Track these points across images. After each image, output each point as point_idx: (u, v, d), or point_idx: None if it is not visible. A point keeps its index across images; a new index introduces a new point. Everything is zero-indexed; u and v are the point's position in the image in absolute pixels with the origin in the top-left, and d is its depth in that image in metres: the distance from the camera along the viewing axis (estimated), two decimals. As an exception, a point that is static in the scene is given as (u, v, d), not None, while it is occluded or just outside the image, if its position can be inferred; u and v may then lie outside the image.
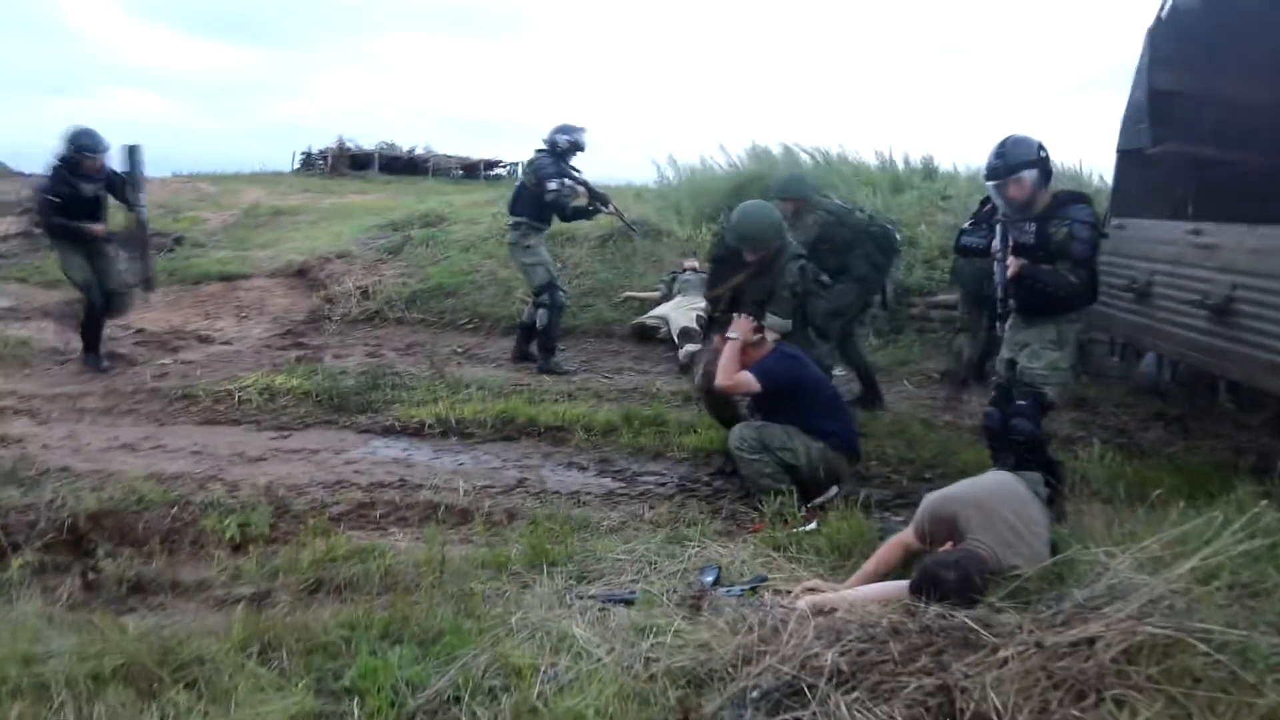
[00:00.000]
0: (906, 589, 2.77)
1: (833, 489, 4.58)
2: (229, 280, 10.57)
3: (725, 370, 4.63)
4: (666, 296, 8.86)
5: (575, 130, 7.66)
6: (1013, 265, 4.27)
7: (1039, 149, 4.24)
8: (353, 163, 25.76)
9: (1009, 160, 4.22)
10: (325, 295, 9.75)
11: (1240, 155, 5.85)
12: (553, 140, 7.62)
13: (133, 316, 9.08)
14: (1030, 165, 4.19)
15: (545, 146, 7.64)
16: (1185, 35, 5.80)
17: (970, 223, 7.26)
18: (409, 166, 25.64)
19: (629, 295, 9.40)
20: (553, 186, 7.42)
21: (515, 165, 20.64)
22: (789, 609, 2.67)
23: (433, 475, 5.04)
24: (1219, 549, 2.43)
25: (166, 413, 6.19)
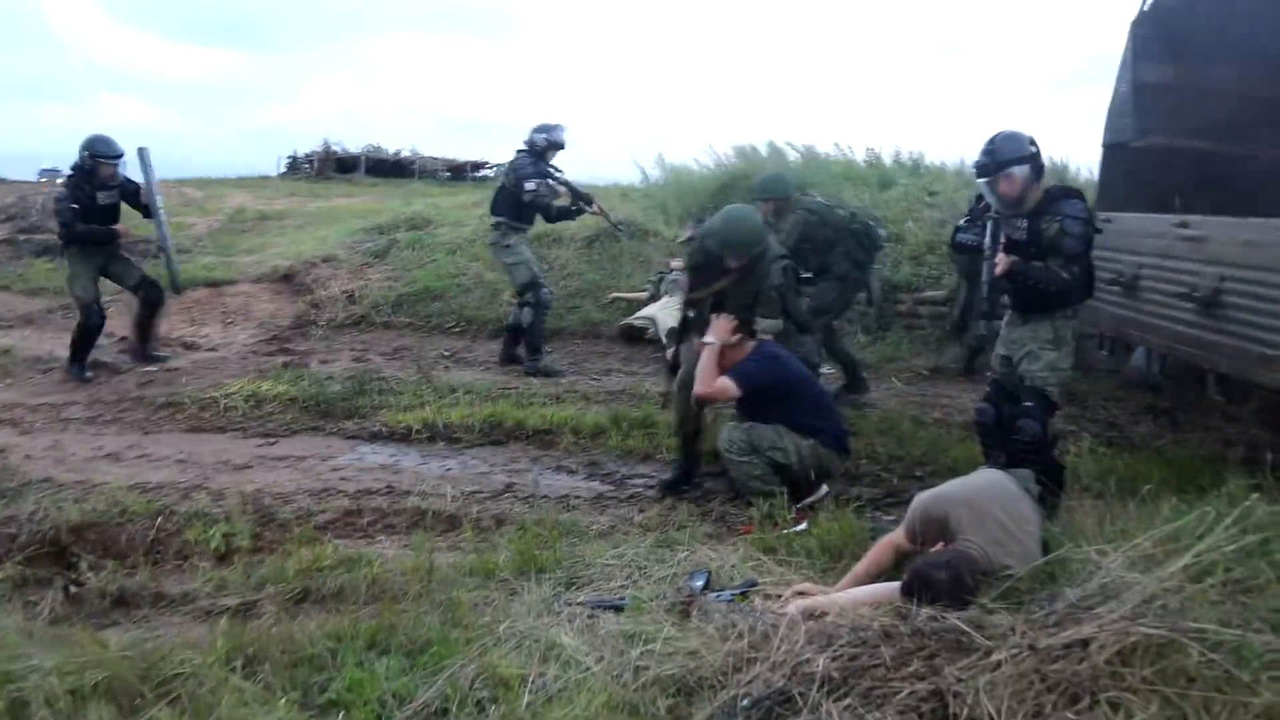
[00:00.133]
0: (898, 591, 2.75)
1: (823, 489, 4.55)
2: (215, 286, 10.49)
3: (703, 378, 4.50)
4: (654, 297, 8.83)
5: (553, 129, 7.62)
6: (1002, 262, 4.24)
7: (1029, 144, 4.19)
8: (339, 166, 25.69)
9: (998, 156, 4.18)
10: (311, 300, 9.68)
11: (1226, 147, 5.88)
12: (531, 140, 7.59)
13: (118, 325, 9.05)
14: (1020, 161, 4.15)
15: (525, 146, 7.62)
16: (1169, 28, 5.81)
17: (966, 219, 7.27)
18: (396, 169, 25.58)
19: (616, 296, 9.36)
20: (530, 187, 7.40)
21: (501, 166, 20.64)
22: (779, 614, 2.64)
23: (420, 481, 4.99)
24: (1211, 545, 2.40)
25: (151, 421, 6.13)
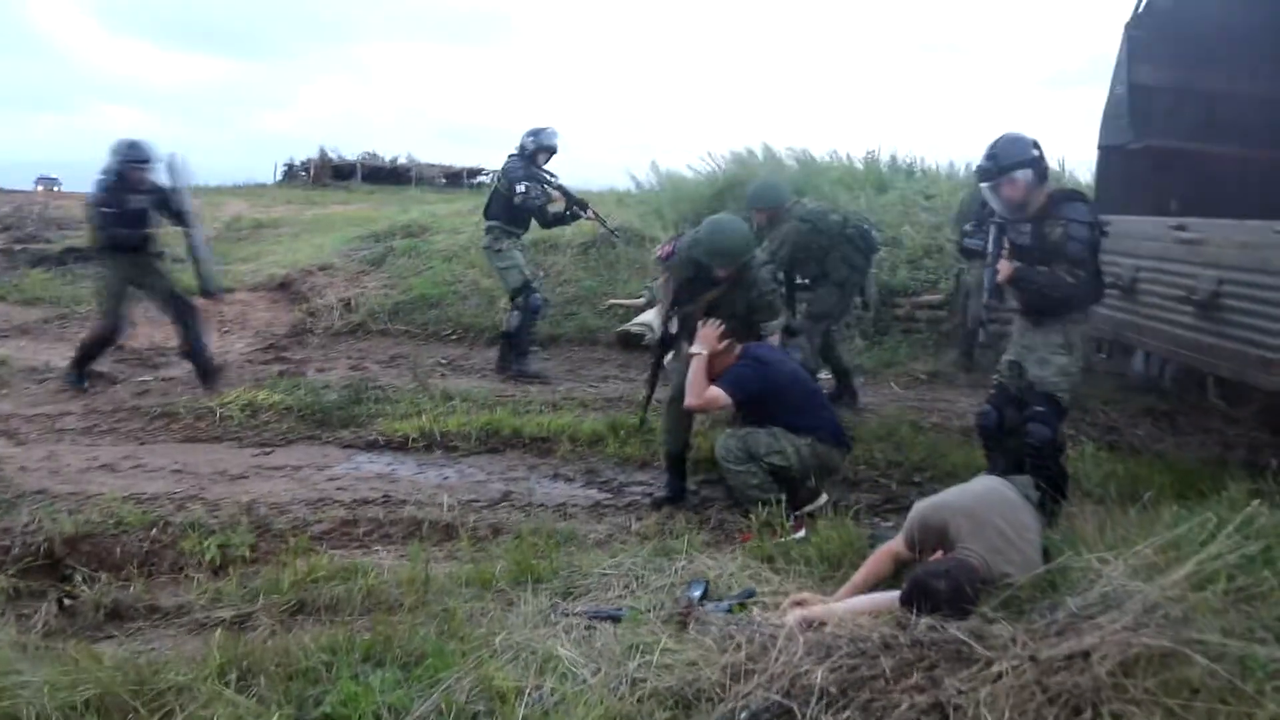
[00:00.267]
0: (897, 600, 2.72)
1: (822, 497, 4.52)
2: (210, 295, 10.43)
3: (694, 388, 4.42)
4: (651, 303, 8.81)
5: (541, 132, 7.64)
6: (1004, 268, 4.19)
7: (1032, 148, 4.13)
8: (335, 173, 25.72)
9: (1000, 161, 4.13)
10: (308, 308, 9.64)
11: (1223, 149, 5.87)
12: (522, 144, 7.64)
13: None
14: (1023, 165, 4.09)
15: (516, 151, 7.66)
16: (1164, 29, 5.81)
17: (973, 224, 7.23)
18: (392, 176, 25.61)
19: (613, 302, 9.34)
20: (520, 189, 7.43)
21: (496, 172, 20.66)
22: (777, 625, 2.61)
23: (417, 490, 4.97)
24: (1214, 553, 2.38)
25: (147, 431, 6.09)
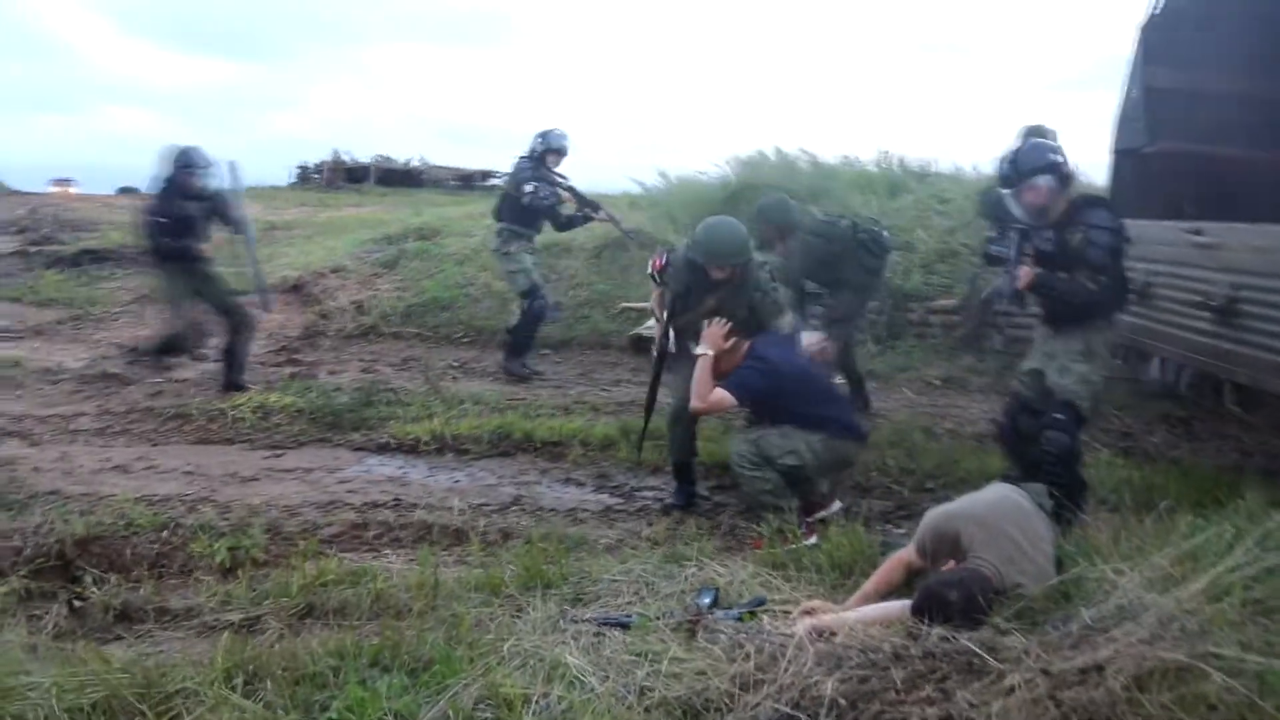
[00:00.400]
0: (908, 609, 2.69)
1: (835, 504, 4.49)
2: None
3: (699, 390, 4.35)
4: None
5: (550, 134, 7.66)
6: (1025, 275, 4.13)
7: (1054, 153, 4.09)
8: (349, 176, 25.77)
9: (1022, 166, 4.07)
10: (320, 311, 9.67)
11: (1239, 152, 5.81)
12: (531, 146, 7.65)
13: (128, 335, 9.07)
14: (1044, 170, 4.02)
15: (526, 153, 7.68)
16: (1180, 31, 5.75)
17: (997, 230, 7.18)
18: (405, 178, 25.63)
19: (625, 306, 9.32)
20: (528, 189, 7.46)
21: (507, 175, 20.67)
22: (787, 635, 2.59)
23: (427, 494, 4.97)
24: (1232, 565, 2.34)
25: (160, 432, 6.12)
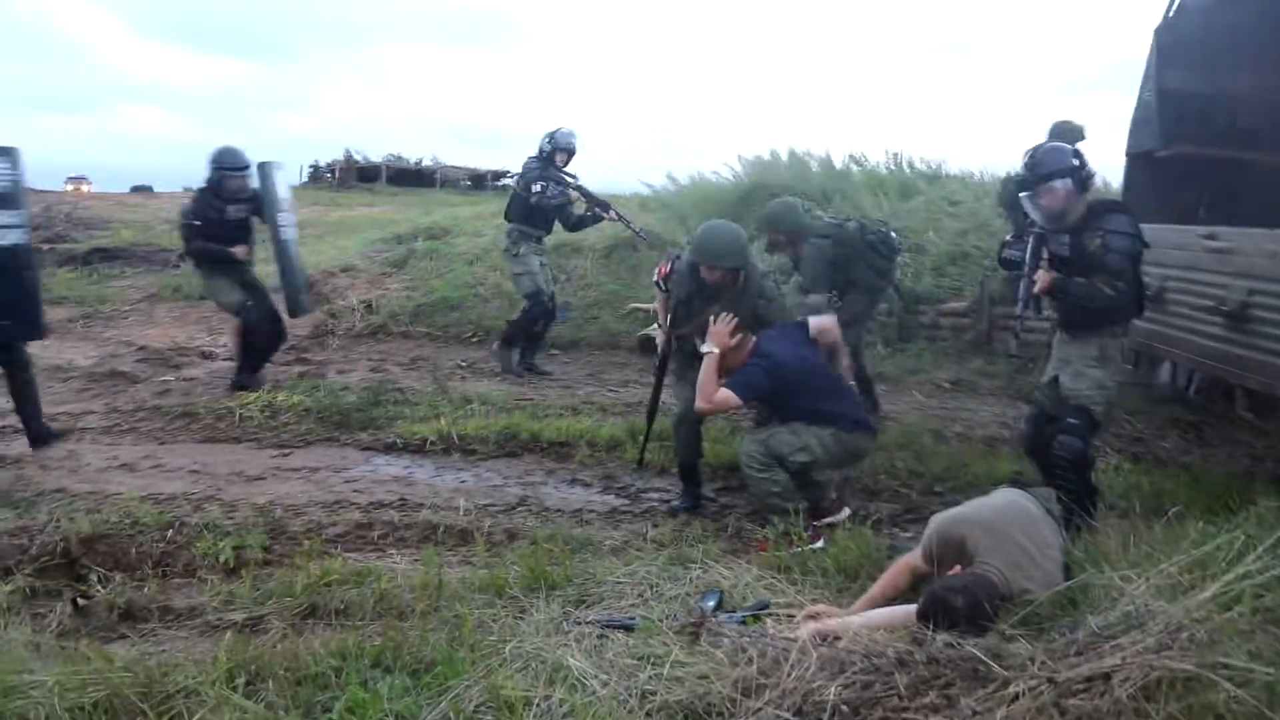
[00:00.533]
0: (913, 614, 2.67)
1: (844, 511, 4.46)
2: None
3: (704, 391, 4.28)
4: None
5: (558, 133, 7.66)
6: (1042, 279, 4.09)
7: (1072, 156, 4.05)
8: (361, 175, 25.89)
9: (1039, 170, 4.05)
10: (329, 310, 9.67)
11: (1254, 156, 5.76)
12: (540, 146, 7.66)
13: (136, 334, 9.11)
14: (1062, 174, 3.99)
15: (535, 153, 7.69)
16: (1195, 34, 5.70)
17: (1014, 234, 7.16)
18: (417, 178, 25.74)
19: (635, 306, 9.31)
20: (536, 188, 7.47)
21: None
22: (790, 639, 2.57)
23: (434, 494, 4.96)
24: (1242, 572, 2.31)
25: (167, 431, 6.13)
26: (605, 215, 7.94)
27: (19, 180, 5.42)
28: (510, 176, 10.24)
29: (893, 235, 6.23)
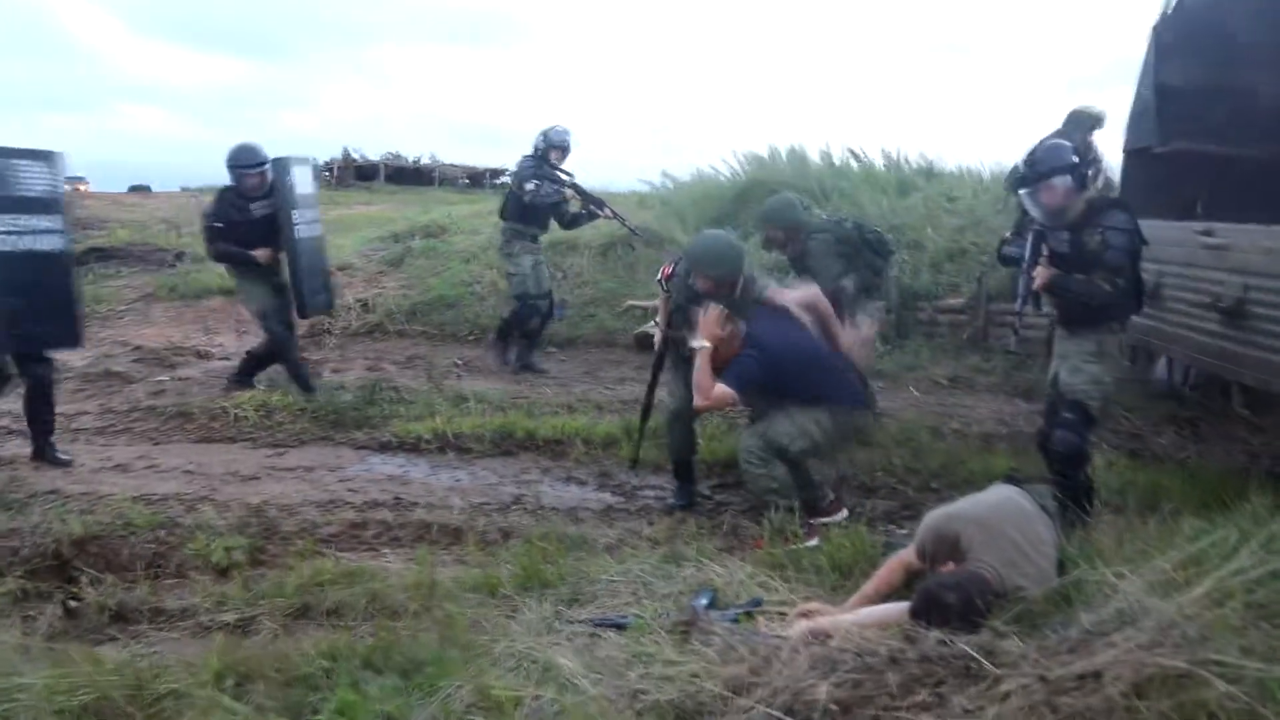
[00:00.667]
0: (906, 612, 2.65)
1: (842, 512, 4.43)
2: (231, 295, 10.46)
3: (701, 387, 4.17)
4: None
5: (552, 131, 7.64)
6: (1041, 275, 4.08)
7: (1072, 154, 4.08)
8: (359, 173, 25.88)
9: (1039, 167, 4.07)
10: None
11: (1251, 152, 5.73)
12: (535, 144, 7.66)
13: (132, 334, 9.08)
14: (1062, 171, 4.01)
15: (530, 151, 7.69)
16: (1193, 29, 5.68)
17: (1013, 231, 7.15)
18: (415, 176, 25.74)
19: (631, 304, 9.30)
20: (530, 186, 7.47)
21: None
22: (781, 637, 2.55)
23: (428, 493, 4.95)
24: (1235, 569, 2.30)
25: (161, 431, 6.11)
26: (600, 213, 7.92)
27: (58, 185, 5.34)
28: (508, 174, 10.22)
29: (887, 239, 6.23)
